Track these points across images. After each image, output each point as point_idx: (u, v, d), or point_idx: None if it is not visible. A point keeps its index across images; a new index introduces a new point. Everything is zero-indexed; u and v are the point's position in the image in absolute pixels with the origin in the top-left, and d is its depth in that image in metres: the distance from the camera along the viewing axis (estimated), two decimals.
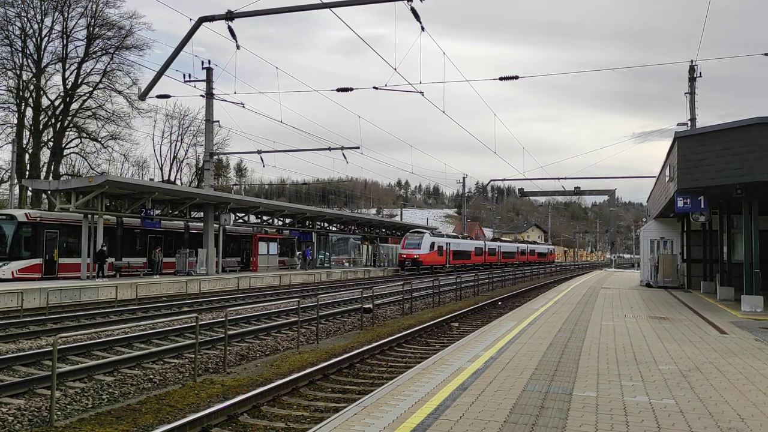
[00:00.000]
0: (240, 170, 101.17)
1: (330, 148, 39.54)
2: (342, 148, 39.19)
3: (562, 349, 10.07)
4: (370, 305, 19.50)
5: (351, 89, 28.86)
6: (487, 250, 78.24)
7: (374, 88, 26.92)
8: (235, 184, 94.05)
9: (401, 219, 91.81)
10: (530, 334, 11.86)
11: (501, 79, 25.25)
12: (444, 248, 60.39)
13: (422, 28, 20.30)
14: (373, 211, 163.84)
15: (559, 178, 53.94)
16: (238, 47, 23.99)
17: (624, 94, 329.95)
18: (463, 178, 77.51)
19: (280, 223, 48.74)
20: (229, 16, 22.62)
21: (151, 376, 10.90)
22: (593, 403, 6.55)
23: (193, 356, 11.63)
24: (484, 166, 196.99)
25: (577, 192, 54.59)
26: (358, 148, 38.96)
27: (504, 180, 64.56)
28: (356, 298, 22.88)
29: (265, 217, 46.30)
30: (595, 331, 12.40)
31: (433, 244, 57.50)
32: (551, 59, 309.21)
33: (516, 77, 25.20)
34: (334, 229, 56.52)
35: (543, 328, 12.93)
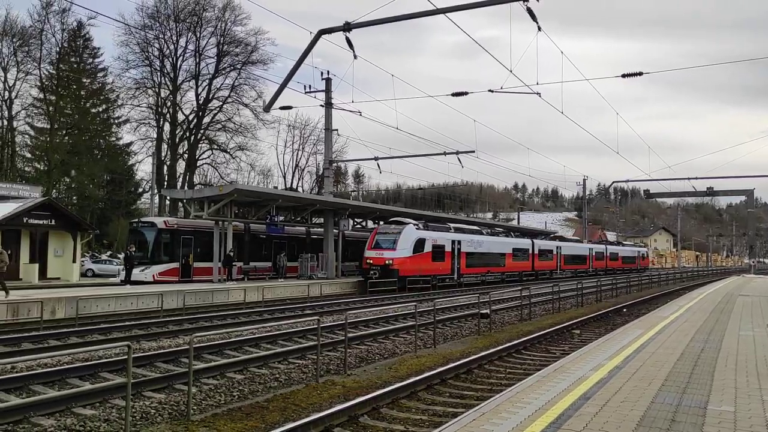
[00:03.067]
0: (358, 177, 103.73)
1: (445, 153, 39.60)
2: (457, 153, 39.14)
3: (695, 360, 9.47)
4: (488, 310, 19.28)
5: (466, 93, 28.73)
6: (595, 254, 62.38)
7: (489, 91, 26.63)
8: (353, 191, 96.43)
9: (518, 223, 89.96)
10: (659, 343, 11.24)
11: (623, 76, 24.15)
12: (448, 249, 38.17)
13: (539, 28, 19.86)
14: (489, 215, 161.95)
15: (689, 178, 48.21)
16: (355, 57, 24.60)
17: (752, 87, 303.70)
18: (584, 179, 74.72)
19: None
20: (347, 27, 23.25)
21: (277, 376, 11.42)
22: (731, 418, 6.12)
23: (315, 357, 12.05)
24: (606, 167, 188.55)
25: (710, 193, 50.63)
26: (474, 152, 38.74)
27: (627, 181, 60.76)
28: (473, 303, 22.72)
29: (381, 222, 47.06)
30: (732, 342, 11.54)
31: (420, 243, 35.35)
32: (671, 53, 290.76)
33: (640, 73, 24.01)
34: None
35: (673, 337, 12.21)
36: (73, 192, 57.78)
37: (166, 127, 60.46)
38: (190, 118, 61.05)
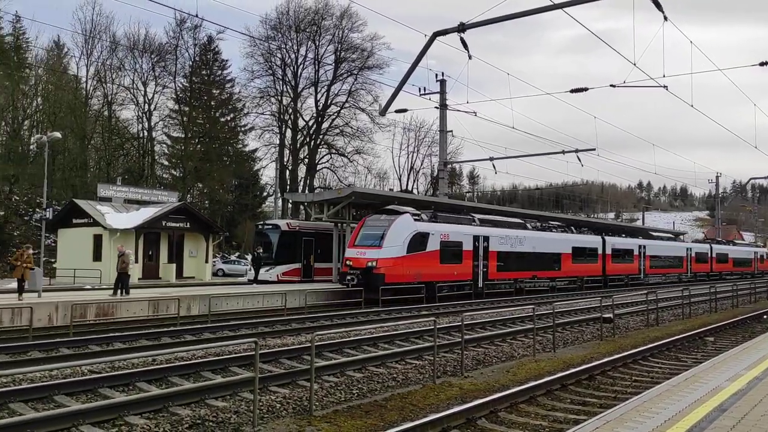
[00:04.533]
0: (473, 178, 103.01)
1: (563, 152, 38.45)
2: (576, 151, 37.86)
3: None
4: (611, 314, 18.49)
5: (585, 89, 27.77)
6: (694, 255, 50.97)
7: (611, 86, 25.59)
8: (468, 192, 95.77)
9: (642, 223, 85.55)
10: None
11: (762, 64, 22.35)
12: (468, 247, 29.37)
13: (665, 18, 18.83)
14: (611, 215, 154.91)
15: None
16: (470, 57, 24.50)
17: None
18: (716, 176, 69.73)
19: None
20: (462, 28, 23.20)
21: (395, 375, 11.59)
22: None
23: (432, 358, 12.11)
24: (742, 163, 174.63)
25: None
26: (594, 149, 37.26)
27: (767, 177, 56.42)
28: (594, 307, 21.86)
29: None
30: None
31: (419, 239, 26.80)
32: None
33: None
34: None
35: None
36: (205, 196, 61.63)
37: (288, 133, 63.07)
38: (310, 123, 63.32)
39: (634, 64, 21.30)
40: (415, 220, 27.33)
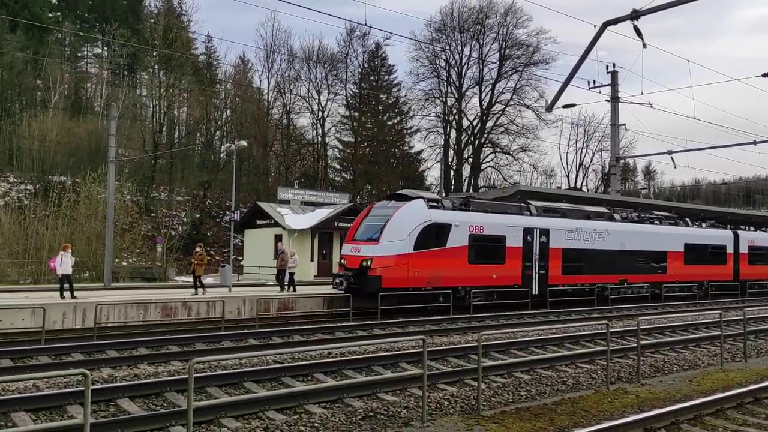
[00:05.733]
0: (648, 173, 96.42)
1: (755, 142, 34.97)
2: None
3: None
4: None
5: None
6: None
7: None
8: (643, 188, 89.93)
9: None
10: None
11: None
12: (513, 243, 23.43)
13: None
14: None
15: None
16: (644, 45, 23.11)
17: None
18: None
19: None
20: (635, 15, 21.95)
21: (564, 379, 11.27)
22: None
23: (604, 363, 11.61)
24: None
25: None
26: None
27: None
28: None
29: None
30: None
31: (434, 231, 21.37)
32: None
33: None
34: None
35: None
36: (373, 198, 63.97)
37: (452, 133, 63.53)
38: (474, 123, 63.24)
39: None
40: (431, 207, 21.82)
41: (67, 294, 18.82)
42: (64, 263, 19.19)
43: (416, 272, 20.87)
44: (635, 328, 12.03)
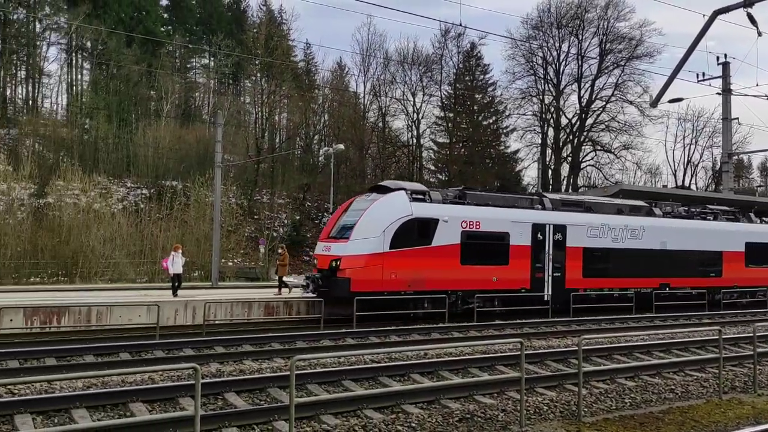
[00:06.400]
0: (765, 170, 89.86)
1: None
2: None
3: None
4: None
5: None
6: None
7: None
8: (760, 185, 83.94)
9: None
10: None
11: None
12: (519, 241, 20.96)
13: None
14: None
15: None
16: (759, 34, 21.69)
17: None
18: None
19: None
20: (748, 2, 20.63)
21: (672, 387, 10.76)
22: None
23: (716, 371, 10.98)
24: None
25: None
26: None
27: None
28: None
29: None
30: None
31: (415, 227, 19.10)
32: None
33: None
34: None
35: None
36: None
37: (550, 132, 61.97)
38: (573, 121, 61.38)
39: None
40: (414, 199, 19.47)
41: (179, 292, 20.00)
42: (176, 263, 20.41)
43: (393, 274, 18.66)
44: (751, 335, 11.31)
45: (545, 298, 21.28)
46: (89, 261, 33.47)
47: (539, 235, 21.22)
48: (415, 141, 61.12)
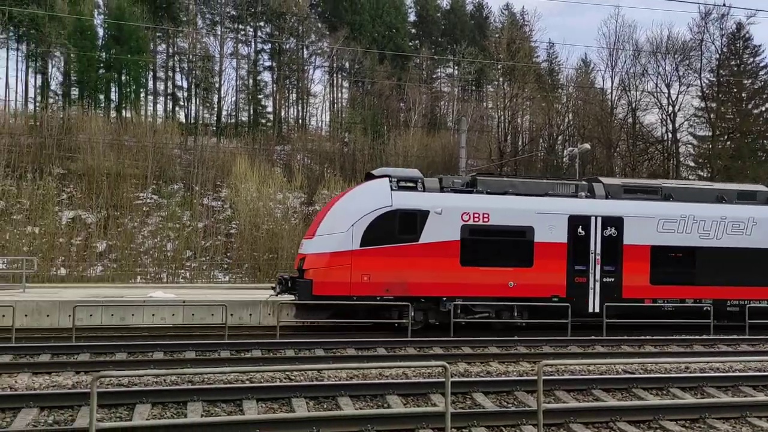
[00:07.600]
0: None
1: None
2: None
3: None
4: None
5: None
6: None
7: None
8: None
9: None
10: None
11: None
12: (546, 237, 16.77)
13: None
14: None
15: None
16: None
17: None
18: None
19: None
20: None
21: None
22: None
23: None
24: None
25: None
26: None
27: None
28: None
29: None
30: None
31: (396, 220, 16.04)
32: None
33: None
34: None
35: None
36: None
37: None
38: None
39: None
40: (400, 188, 16.66)
41: None
42: None
43: (365, 276, 16.06)
44: None
45: (590, 309, 17.54)
46: None
47: (580, 230, 17.57)
48: (670, 136, 56.34)
